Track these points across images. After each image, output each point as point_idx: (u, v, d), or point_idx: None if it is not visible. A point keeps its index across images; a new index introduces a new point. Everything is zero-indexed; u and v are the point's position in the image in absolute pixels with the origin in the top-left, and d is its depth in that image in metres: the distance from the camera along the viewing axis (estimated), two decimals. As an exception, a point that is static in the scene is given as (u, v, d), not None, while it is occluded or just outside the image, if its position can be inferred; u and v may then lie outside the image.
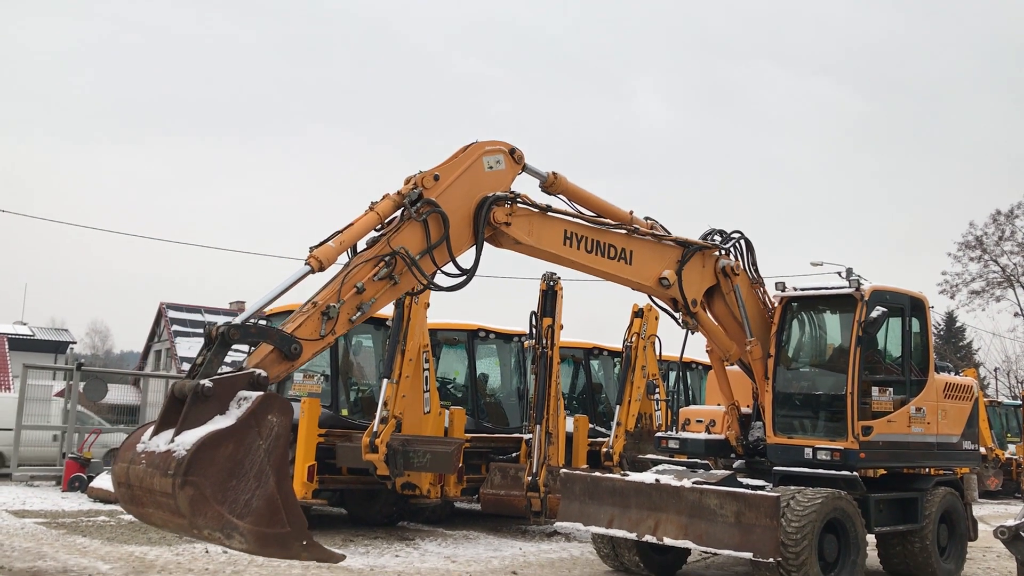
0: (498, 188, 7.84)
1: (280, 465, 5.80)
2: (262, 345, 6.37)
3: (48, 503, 15.23)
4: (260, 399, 5.78)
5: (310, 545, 5.85)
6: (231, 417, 5.71)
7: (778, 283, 10.34)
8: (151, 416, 21.12)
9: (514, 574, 9.83)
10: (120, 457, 6.04)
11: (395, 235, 7.09)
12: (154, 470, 5.58)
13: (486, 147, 7.83)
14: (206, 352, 6.11)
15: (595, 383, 17.77)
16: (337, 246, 6.85)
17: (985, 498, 23.26)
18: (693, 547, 8.76)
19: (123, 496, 6.06)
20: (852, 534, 8.91)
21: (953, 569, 10.50)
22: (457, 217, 7.49)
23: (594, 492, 9.49)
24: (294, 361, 6.43)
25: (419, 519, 14.30)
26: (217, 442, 5.52)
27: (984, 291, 51.70)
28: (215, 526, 5.47)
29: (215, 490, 5.47)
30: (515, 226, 7.90)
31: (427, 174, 7.36)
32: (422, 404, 12.65)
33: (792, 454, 9.64)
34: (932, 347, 10.51)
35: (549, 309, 12.86)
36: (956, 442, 10.60)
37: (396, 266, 7.00)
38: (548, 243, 8.29)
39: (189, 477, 5.38)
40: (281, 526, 5.72)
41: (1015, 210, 50.35)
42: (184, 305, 46.60)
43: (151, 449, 5.72)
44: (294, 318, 6.60)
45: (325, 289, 6.82)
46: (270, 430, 5.76)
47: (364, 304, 6.87)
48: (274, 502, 5.72)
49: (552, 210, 8.28)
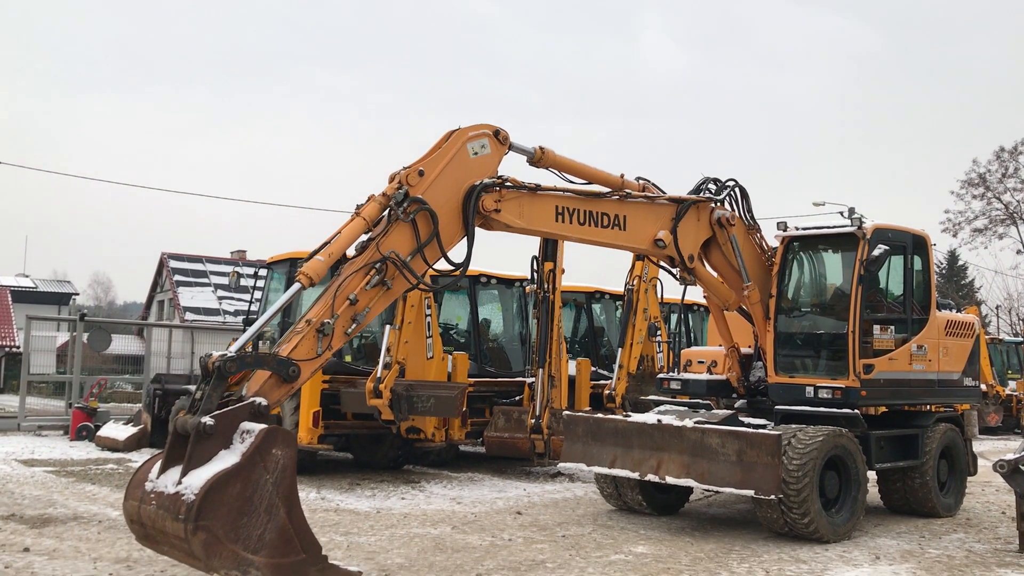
0: (485, 174, 7.67)
1: (289, 495, 5.89)
2: (259, 370, 6.35)
3: (56, 452, 15.41)
4: (263, 435, 5.83)
5: (326, 568, 6.01)
6: (235, 453, 5.79)
7: (780, 223, 10.29)
8: (155, 366, 21.26)
9: (519, 514, 9.96)
10: (130, 495, 6.11)
11: (384, 239, 6.98)
12: (165, 512, 5.67)
13: (469, 133, 7.64)
14: (204, 386, 6.11)
15: (597, 326, 17.80)
16: (326, 259, 6.77)
17: (985, 434, 23.48)
18: (695, 486, 8.86)
19: (137, 533, 6.16)
20: (853, 471, 9.00)
21: (952, 503, 10.62)
22: (445, 211, 7.35)
23: (597, 433, 9.57)
24: (294, 383, 6.43)
25: (424, 462, 14.47)
26: (224, 483, 5.60)
27: (987, 229, 51.52)
28: (231, 565, 5.59)
29: (227, 531, 5.57)
30: (505, 211, 7.77)
31: (411, 170, 7.19)
32: (425, 350, 12.70)
33: (793, 393, 9.69)
34: (934, 285, 10.49)
35: (550, 254, 12.83)
36: (957, 379, 10.63)
37: (387, 271, 6.91)
38: (540, 222, 8.20)
39: (200, 522, 5.47)
40: (296, 554, 5.86)
41: (1019, 146, 49.95)
42: (186, 255, 46.61)
43: (160, 489, 5.80)
44: (289, 339, 6.56)
45: (317, 304, 6.75)
46: (275, 463, 5.84)
47: (359, 315, 6.81)
48: (286, 532, 5.83)
49: (542, 188, 8.14)
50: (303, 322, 6.63)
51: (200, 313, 41.56)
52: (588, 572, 7.10)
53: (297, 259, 13.71)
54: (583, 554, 7.86)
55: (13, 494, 10.61)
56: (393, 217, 7.05)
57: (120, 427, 16.68)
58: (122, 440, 15.98)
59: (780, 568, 7.45)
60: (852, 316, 9.44)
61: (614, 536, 8.76)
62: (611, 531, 9.02)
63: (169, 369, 21.03)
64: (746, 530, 9.22)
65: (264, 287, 14.72)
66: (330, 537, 8.31)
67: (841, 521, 8.82)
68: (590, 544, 8.32)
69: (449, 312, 15.11)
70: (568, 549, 8.06)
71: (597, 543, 8.38)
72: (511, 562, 7.45)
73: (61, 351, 26.54)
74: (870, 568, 7.56)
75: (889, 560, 7.92)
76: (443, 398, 11.83)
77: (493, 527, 9.11)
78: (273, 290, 14.58)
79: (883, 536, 9.10)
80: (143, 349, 23.27)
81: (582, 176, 8.73)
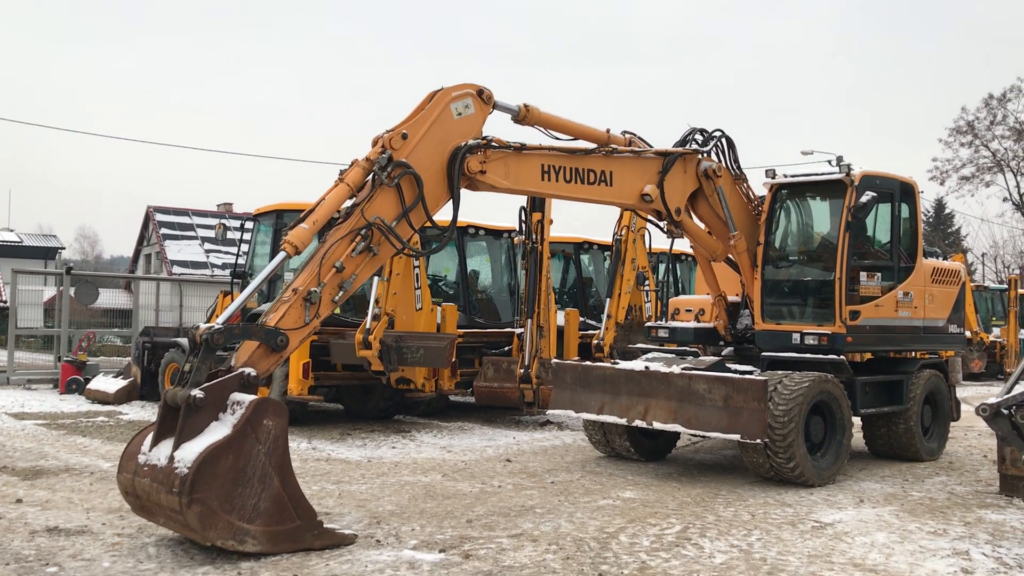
0: (470, 134, 7.60)
1: (281, 464, 5.95)
2: (247, 340, 6.35)
3: (47, 405, 15.44)
4: (253, 406, 5.86)
5: (321, 533, 6.10)
6: (227, 424, 5.83)
7: (768, 170, 10.27)
8: (143, 319, 21.22)
9: (508, 461, 10.06)
10: (123, 467, 6.16)
11: (368, 204, 6.93)
12: (159, 486, 5.72)
13: (452, 93, 7.53)
14: (192, 358, 6.12)
15: (585, 277, 17.83)
16: (311, 227, 6.73)
17: (969, 380, 23.75)
18: (682, 431, 8.95)
19: (132, 504, 6.23)
20: (838, 416, 9.11)
21: (936, 448, 10.78)
22: (430, 174, 7.29)
23: (585, 380, 9.65)
24: (282, 352, 6.43)
25: (414, 412, 14.56)
26: (217, 456, 5.65)
27: (974, 177, 51.63)
28: (227, 535, 5.68)
29: (222, 502, 5.64)
30: (491, 172, 7.69)
31: (394, 133, 7.12)
32: (414, 301, 12.71)
33: (780, 340, 9.76)
34: (921, 232, 10.52)
35: (538, 204, 12.80)
36: (942, 326, 10.72)
37: (373, 237, 6.88)
38: (527, 182, 8.15)
39: (195, 495, 5.54)
40: (291, 521, 5.95)
41: (1008, 94, 49.82)
42: (172, 208, 46.29)
43: (153, 462, 5.85)
44: (276, 308, 6.56)
45: (304, 272, 6.73)
46: (267, 433, 5.89)
47: (345, 282, 6.81)
48: (281, 500, 5.91)
49: (527, 147, 8.06)
50: (290, 291, 6.63)
51: (187, 266, 41.40)
52: (577, 517, 7.20)
53: (284, 211, 13.64)
54: (571, 500, 7.96)
55: (4, 447, 10.64)
56: (377, 182, 7.00)
57: (110, 380, 16.71)
58: (112, 393, 16.02)
59: (766, 512, 7.57)
60: (839, 263, 9.47)
61: (602, 482, 8.87)
62: (599, 477, 9.13)
63: (157, 322, 20.97)
64: (732, 475, 9.35)
65: (251, 239, 14.66)
66: (322, 486, 8.39)
67: (826, 465, 8.94)
68: (578, 490, 8.43)
69: (438, 264, 15.10)
70: (557, 495, 8.16)
71: (585, 489, 8.49)
72: (501, 508, 7.55)
73: (48, 305, 26.42)
74: (854, 511, 7.69)
75: (873, 503, 8.06)
76: (433, 349, 11.87)
77: (483, 474, 9.21)
78: (260, 242, 14.52)
79: (867, 480, 9.25)
80: (131, 303, 23.19)
81: (568, 132, 8.68)
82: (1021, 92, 49.52)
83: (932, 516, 7.54)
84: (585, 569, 5.73)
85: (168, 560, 5.80)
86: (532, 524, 6.95)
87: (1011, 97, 49.73)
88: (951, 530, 7.01)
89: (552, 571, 5.66)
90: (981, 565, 5.99)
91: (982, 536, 6.82)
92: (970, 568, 5.91)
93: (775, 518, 7.34)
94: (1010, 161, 51.00)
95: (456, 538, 6.46)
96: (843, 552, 6.28)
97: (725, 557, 6.09)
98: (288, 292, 6.63)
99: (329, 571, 5.58)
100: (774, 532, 6.84)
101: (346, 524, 6.75)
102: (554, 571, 5.66)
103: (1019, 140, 50.25)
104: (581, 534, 6.64)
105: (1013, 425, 6.12)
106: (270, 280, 11.71)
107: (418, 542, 6.33)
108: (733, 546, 6.40)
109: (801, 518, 7.36)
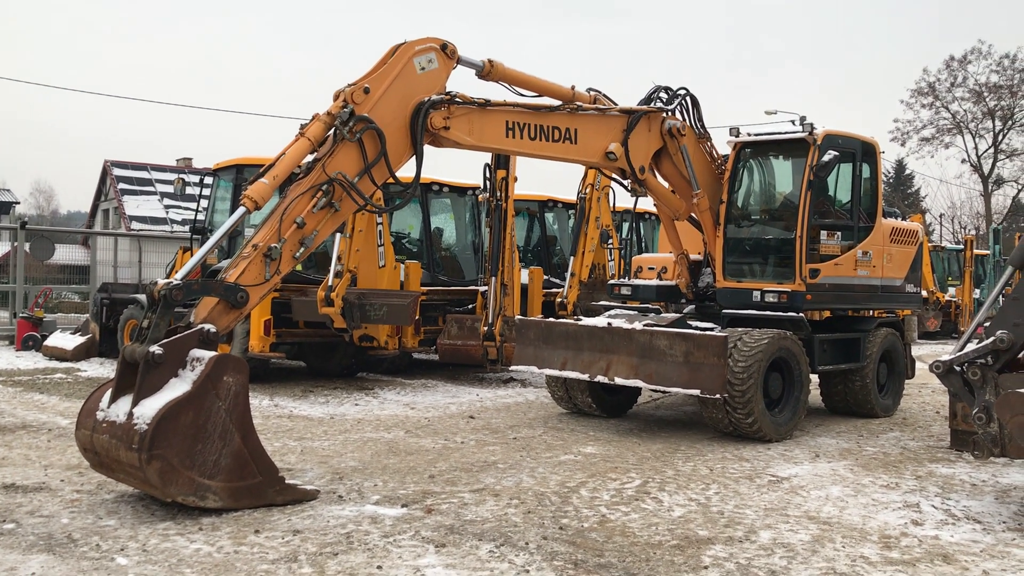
0: (433, 90, 7.51)
1: (243, 420, 5.93)
2: (207, 297, 6.28)
3: (2, 362, 15.23)
4: (213, 362, 5.80)
5: (283, 488, 6.10)
6: (186, 380, 5.77)
7: (732, 129, 10.30)
8: (101, 275, 20.90)
9: (471, 418, 10.12)
10: (81, 424, 6.09)
11: (330, 159, 6.84)
12: (118, 442, 5.67)
13: (416, 47, 7.43)
14: (151, 314, 6.04)
15: (549, 235, 17.82)
16: (271, 181, 6.64)
17: (925, 338, 24.24)
18: (643, 386, 9.04)
19: (92, 461, 6.16)
20: (796, 372, 9.25)
21: (891, 404, 11.02)
22: (392, 129, 7.21)
23: (548, 337, 9.69)
24: (242, 309, 6.36)
25: (378, 370, 14.56)
26: (177, 412, 5.61)
27: (934, 138, 52.25)
28: (188, 491, 5.65)
29: (182, 458, 5.61)
30: (455, 128, 7.63)
31: (356, 87, 7.01)
32: (377, 258, 12.64)
33: (740, 297, 9.87)
34: (881, 192, 10.64)
35: (503, 162, 12.73)
36: (900, 285, 10.90)
37: (335, 193, 6.81)
38: (491, 139, 8.09)
39: (154, 451, 5.50)
40: (252, 477, 5.93)
41: (968, 56, 50.26)
42: (130, 163, 45.37)
43: (112, 419, 5.79)
44: (236, 263, 6.48)
45: (264, 228, 6.63)
46: (227, 390, 5.84)
47: (306, 239, 6.73)
48: (242, 456, 5.88)
49: (491, 103, 8.00)
50: (250, 246, 6.55)
51: (146, 222, 40.73)
52: (539, 472, 7.27)
53: (244, 165, 13.43)
54: (533, 455, 8.04)
55: (-41, 404, 10.49)
56: (339, 137, 6.92)
57: (68, 337, 16.48)
58: (70, 350, 15.80)
59: (723, 466, 7.70)
60: (800, 221, 9.56)
61: (564, 438, 8.96)
62: (561, 433, 9.22)
63: (116, 278, 20.68)
64: (692, 431, 9.49)
65: (210, 194, 14.44)
66: (284, 442, 8.38)
67: (784, 420, 9.10)
68: (540, 445, 8.51)
69: (401, 221, 15.00)
70: (519, 451, 8.23)
71: (547, 444, 8.57)
72: (463, 463, 7.60)
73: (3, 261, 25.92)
74: (810, 465, 7.85)
75: (828, 458, 8.23)
76: (396, 306, 11.84)
77: (446, 431, 9.26)
78: (219, 198, 14.31)
79: (823, 435, 9.43)
80: (88, 258, 22.81)
81: (532, 89, 8.62)
82: (981, 54, 50.06)
83: (885, 470, 7.72)
84: (546, 523, 5.80)
85: (128, 516, 5.78)
86: (494, 479, 7.01)
87: (972, 59, 50.23)
88: (903, 483, 7.19)
89: (513, 525, 5.73)
90: (930, 517, 6.16)
91: (932, 489, 7.00)
92: (920, 520, 6.07)
93: (733, 472, 7.48)
94: (969, 123, 51.64)
95: (418, 493, 6.50)
96: (798, 505, 6.42)
97: (683, 510, 6.20)
98: (248, 248, 6.55)
99: (291, 526, 5.60)
100: (731, 486, 6.97)
101: (308, 480, 6.76)
102: (515, 525, 5.73)
103: (978, 102, 50.86)
104: (542, 489, 6.72)
105: (964, 382, 6.25)
106: (229, 236, 11.59)
107: (380, 497, 6.36)
108: (691, 499, 6.51)
109: (758, 472, 7.50)
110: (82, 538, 5.31)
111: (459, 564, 4.95)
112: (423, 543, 5.31)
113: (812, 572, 4.95)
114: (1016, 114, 50.94)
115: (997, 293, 6.90)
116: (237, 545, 5.21)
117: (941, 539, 5.64)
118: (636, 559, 5.11)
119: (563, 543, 5.37)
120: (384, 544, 5.28)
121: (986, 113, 51.09)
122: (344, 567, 4.86)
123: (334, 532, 5.49)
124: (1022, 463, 7.74)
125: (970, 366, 6.18)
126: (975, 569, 5.05)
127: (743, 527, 5.82)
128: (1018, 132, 51.78)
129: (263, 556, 5.03)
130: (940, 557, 5.26)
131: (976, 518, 6.14)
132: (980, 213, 53.54)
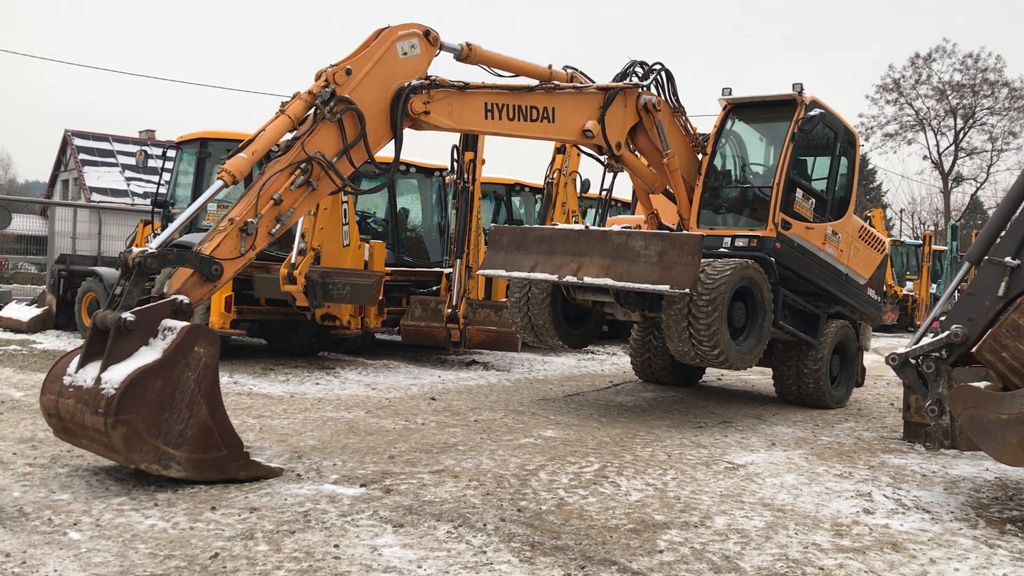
0: (414, 75, 7.59)
1: (211, 393, 5.88)
2: (181, 268, 6.24)
3: (-44, 333, 14.92)
4: (185, 332, 5.75)
5: (246, 464, 6.07)
6: (157, 349, 5.71)
7: (724, 88, 10.44)
8: (59, 246, 20.54)
9: (433, 400, 10.12)
10: (47, 388, 6.00)
11: (309, 138, 6.84)
12: (84, 406, 5.59)
13: (399, 32, 7.50)
14: (124, 282, 5.98)
15: (516, 219, 17.85)
16: (249, 157, 6.62)
17: (881, 331, 24.65)
18: (612, 285, 8.77)
19: (55, 427, 6.06)
20: (759, 300, 9.24)
21: (843, 396, 11.17)
22: (373, 111, 7.26)
23: (521, 242, 9.47)
24: (216, 282, 6.34)
25: (340, 350, 14.49)
26: (145, 379, 5.55)
27: (897, 134, 53.04)
28: (152, 459, 5.60)
29: (148, 425, 5.55)
30: (435, 112, 7.71)
31: (338, 68, 7.05)
32: (341, 237, 12.55)
33: (711, 243, 9.74)
34: (855, 187, 10.81)
35: (471, 144, 12.70)
36: (863, 284, 11.03)
37: (313, 171, 6.82)
38: (470, 121, 8.18)
39: (120, 416, 5.43)
40: (217, 450, 5.89)
41: (933, 53, 50.98)
42: (91, 133, 44.59)
43: (79, 384, 5.71)
44: (211, 237, 6.44)
45: (241, 203, 6.60)
46: (197, 361, 5.79)
47: (283, 215, 6.71)
48: (208, 428, 5.84)
49: (470, 86, 8.07)
50: (226, 220, 6.53)
51: (107, 194, 40.09)
52: (498, 455, 7.30)
53: (208, 139, 13.25)
54: (494, 437, 8.06)
55: (-91, 374, 10.28)
56: (319, 116, 6.93)
57: (24, 308, 16.21)
58: (26, 321, 15.55)
59: (681, 452, 7.79)
60: (779, 170, 9.65)
61: (524, 421, 8.99)
62: (522, 416, 9.26)
63: (74, 250, 20.32)
64: (651, 417, 9.58)
65: (173, 167, 14.22)
66: (242, 420, 8.32)
67: (748, 349, 9.12)
68: (501, 428, 8.54)
69: (367, 200, 14.91)
70: (480, 433, 8.25)
71: (508, 427, 8.60)
72: (424, 444, 7.60)
73: (-43, 230, 25.34)
74: (766, 453, 7.96)
75: (784, 446, 8.35)
76: (359, 286, 11.77)
77: (407, 412, 9.25)
78: (182, 171, 14.10)
79: (780, 424, 9.57)
80: (46, 229, 22.41)
81: (510, 70, 8.73)
82: (946, 53, 50.80)
83: (839, 460, 7.85)
84: (504, 504, 5.83)
85: (82, 490, 5.71)
86: (454, 461, 7.03)
87: (936, 57, 50.97)
88: (856, 473, 7.32)
89: (472, 506, 5.75)
90: (881, 506, 6.27)
91: (884, 479, 7.14)
92: (871, 508, 6.19)
93: (690, 459, 7.56)
94: (931, 120, 52.43)
95: (377, 473, 6.50)
96: (754, 492, 6.51)
97: (641, 495, 6.26)
98: (224, 222, 6.53)
99: (248, 503, 5.57)
100: (688, 472, 7.04)
101: (267, 458, 6.72)
102: (474, 506, 5.75)
103: (941, 100, 51.65)
104: (502, 471, 6.74)
105: (919, 374, 6.38)
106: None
107: (339, 477, 6.34)
108: (649, 484, 6.57)
109: (715, 459, 7.59)
110: (34, 512, 5.24)
111: (416, 544, 4.96)
112: (381, 523, 5.31)
113: (765, 558, 5.02)
114: (977, 113, 51.83)
115: (953, 288, 7.03)
116: (193, 521, 5.17)
117: (891, 528, 5.75)
118: (593, 542, 5.15)
119: (521, 525, 5.40)
120: (342, 523, 5.27)
121: (948, 111, 51.91)
122: (301, 545, 4.85)
123: (291, 510, 5.47)
124: (971, 455, 7.91)
125: (925, 359, 6.30)
126: (923, 557, 5.16)
127: (699, 512, 5.89)
128: (978, 131, 52.72)
129: (219, 533, 4.99)
130: (890, 545, 5.36)
131: (926, 508, 6.27)
132: (939, 209, 54.50)
